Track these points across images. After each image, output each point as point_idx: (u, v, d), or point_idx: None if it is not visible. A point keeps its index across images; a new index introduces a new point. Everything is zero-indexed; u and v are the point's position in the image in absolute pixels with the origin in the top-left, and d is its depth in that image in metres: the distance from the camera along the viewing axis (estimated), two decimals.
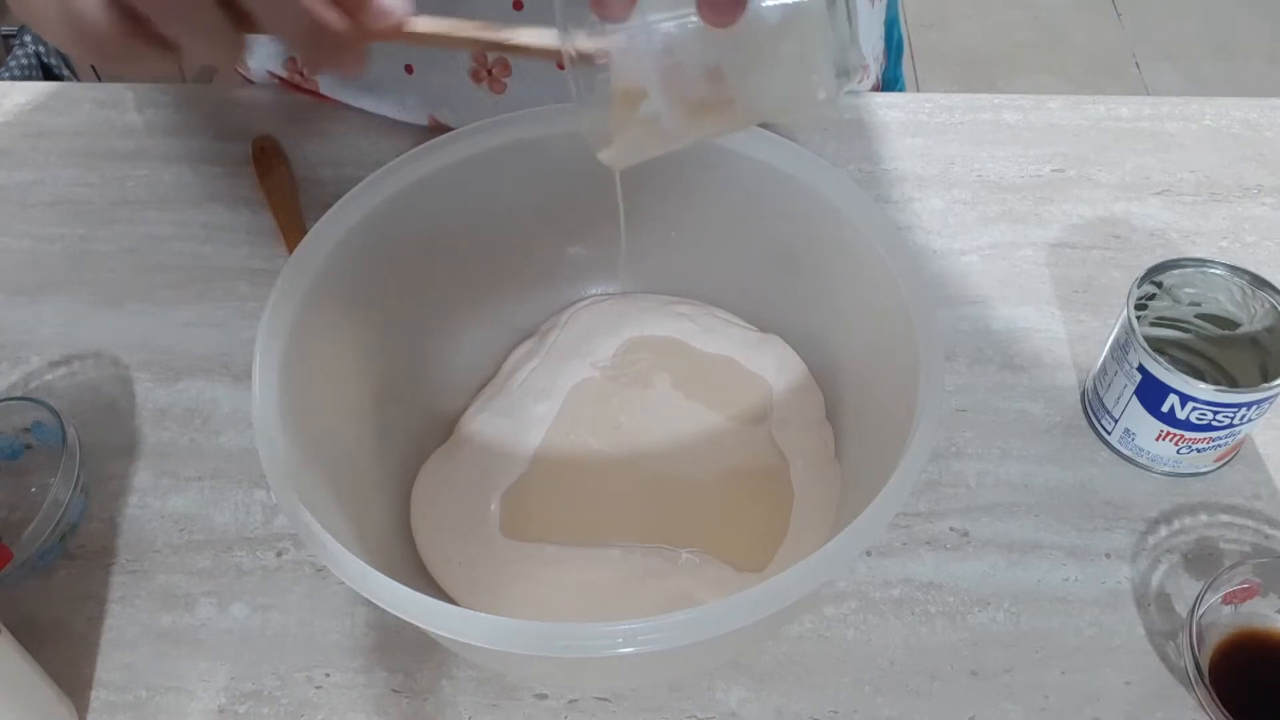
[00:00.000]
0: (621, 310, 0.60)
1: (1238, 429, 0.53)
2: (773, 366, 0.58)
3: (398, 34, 0.37)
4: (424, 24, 0.37)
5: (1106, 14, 2.19)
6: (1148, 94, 1.98)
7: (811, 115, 0.71)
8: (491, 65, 0.68)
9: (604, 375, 0.58)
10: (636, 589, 0.50)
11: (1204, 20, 2.17)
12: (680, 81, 0.38)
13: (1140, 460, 0.57)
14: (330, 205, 0.50)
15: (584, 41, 0.37)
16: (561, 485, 0.54)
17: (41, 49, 1.30)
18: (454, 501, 0.54)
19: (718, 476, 0.54)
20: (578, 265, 0.60)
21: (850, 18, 0.36)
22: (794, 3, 0.36)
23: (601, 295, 0.62)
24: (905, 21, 2.10)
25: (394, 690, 0.51)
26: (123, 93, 0.78)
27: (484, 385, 0.59)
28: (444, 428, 0.57)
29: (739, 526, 0.53)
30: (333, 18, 0.34)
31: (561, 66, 0.38)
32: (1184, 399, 0.52)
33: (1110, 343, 0.56)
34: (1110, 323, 0.57)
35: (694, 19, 0.35)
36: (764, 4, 0.35)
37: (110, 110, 0.77)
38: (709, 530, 0.52)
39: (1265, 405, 0.52)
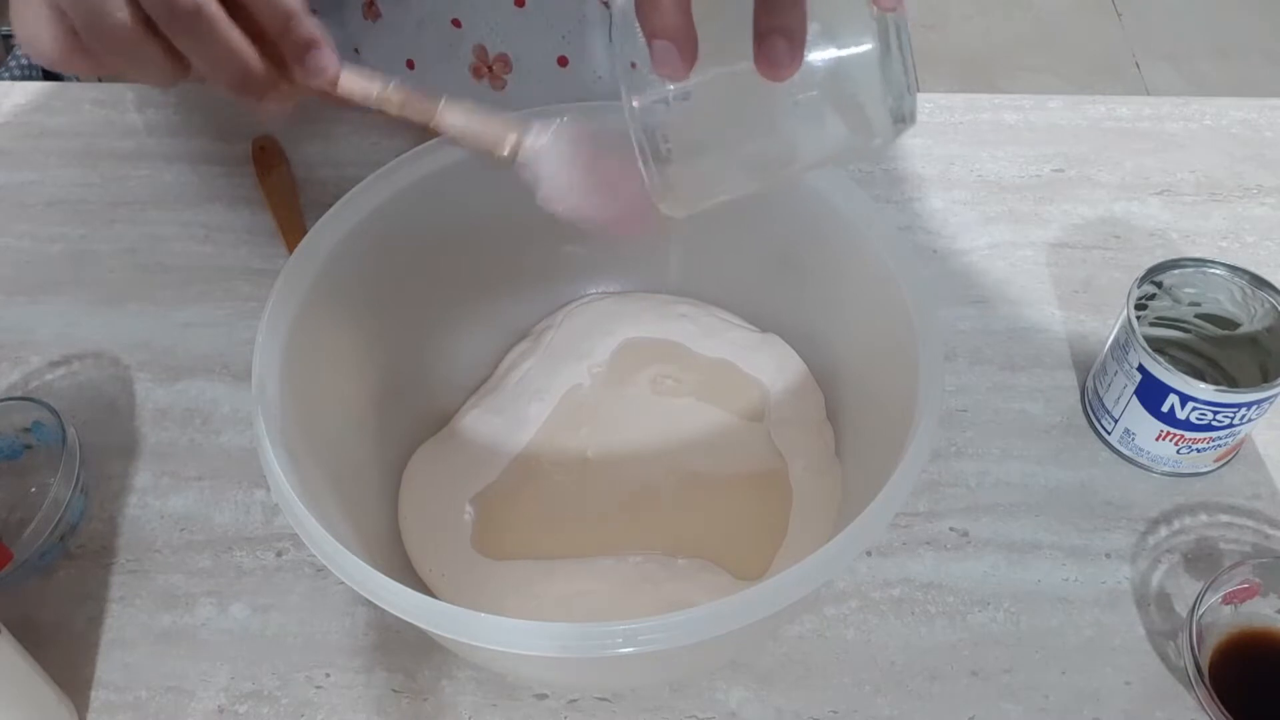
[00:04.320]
0: (619, 309, 0.60)
1: (1238, 429, 0.53)
2: (772, 367, 0.57)
3: (326, 92, 0.38)
4: (351, 84, 0.38)
5: (1106, 14, 2.19)
6: (1148, 94, 1.98)
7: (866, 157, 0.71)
8: (492, 61, 0.68)
9: (600, 376, 0.58)
10: (632, 595, 0.50)
11: (1204, 20, 2.17)
12: (737, 135, 0.38)
13: (1140, 460, 0.57)
14: (330, 205, 0.50)
15: (643, 100, 0.37)
16: (550, 490, 0.54)
17: None
18: (435, 504, 0.53)
19: (716, 478, 0.54)
20: (575, 264, 0.60)
21: (905, 63, 0.35)
22: (847, 54, 0.36)
23: (599, 294, 0.62)
24: None
25: (394, 690, 0.51)
26: (123, 93, 0.78)
27: (482, 384, 0.59)
28: (442, 428, 0.57)
29: (737, 529, 0.53)
30: (260, 70, 0.36)
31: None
32: (1184, 399, 0.52)
33: (1110, 343, 0.56)
34: (1110, 323, 0.57)
35: (750, 73, 0.34)
36: (817, 55, 0.35)
37: (110, 110, 0.77)
38: (707, 534, 0.52)
39: (1265, 405, 0.52)
